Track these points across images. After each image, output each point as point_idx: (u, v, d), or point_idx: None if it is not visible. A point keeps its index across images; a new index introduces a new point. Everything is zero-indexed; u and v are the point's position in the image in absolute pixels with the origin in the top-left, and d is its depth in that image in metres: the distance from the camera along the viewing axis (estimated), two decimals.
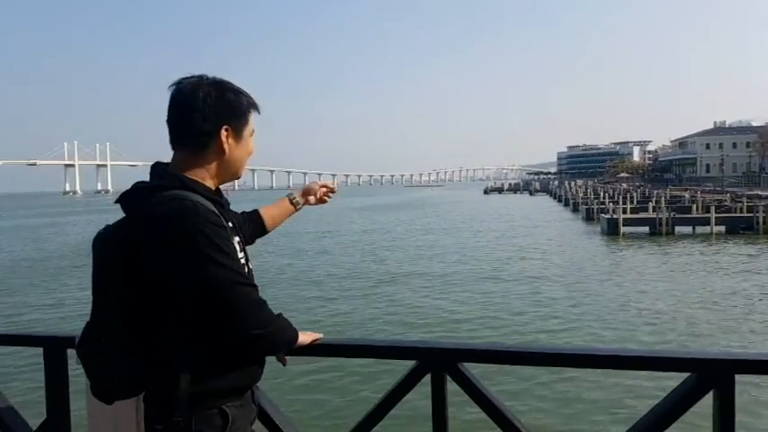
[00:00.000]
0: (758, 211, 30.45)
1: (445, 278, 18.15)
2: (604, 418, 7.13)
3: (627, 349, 2.21)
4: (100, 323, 1.45)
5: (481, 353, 1.86)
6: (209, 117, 1.49)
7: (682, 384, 1.66)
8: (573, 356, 1.89)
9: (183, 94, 1.50)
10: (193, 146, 1.51)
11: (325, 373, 8.50)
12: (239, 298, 1.38)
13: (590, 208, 41.87)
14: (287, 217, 2.09)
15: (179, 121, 1.51)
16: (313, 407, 7.53)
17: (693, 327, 11.94)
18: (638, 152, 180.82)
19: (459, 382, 1.77)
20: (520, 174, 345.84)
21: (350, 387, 8.11)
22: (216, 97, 1.50)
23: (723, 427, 1.61)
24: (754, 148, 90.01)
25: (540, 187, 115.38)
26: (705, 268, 19.44)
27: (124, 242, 1.41)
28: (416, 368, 1.81)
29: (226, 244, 1.38)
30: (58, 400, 2.08)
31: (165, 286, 1.38)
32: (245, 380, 1.52)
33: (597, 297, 14.96)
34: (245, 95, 1.59)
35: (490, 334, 11.50)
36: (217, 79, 1.55)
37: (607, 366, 1.88)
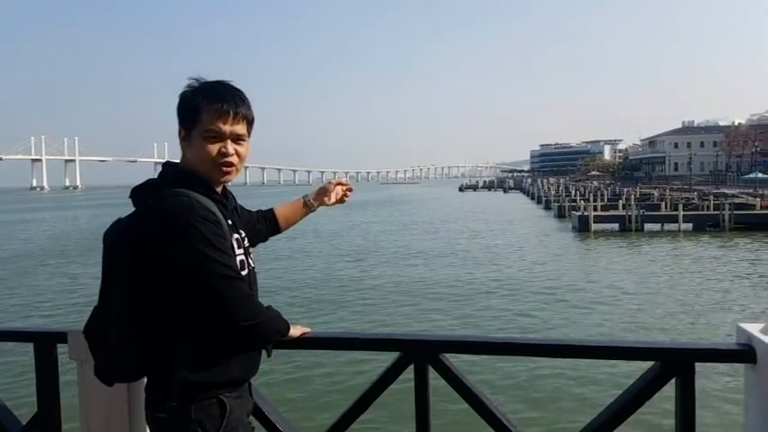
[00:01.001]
0: (724, 209, 31.33)
1: (423, 274, 18.28)
2: (575, 404, 7.38)
3: (597, 340, 2.33)
4: (106, 310, 1.52)
5: (461, 344, 1.96)
6: (177, 114, 1.58)
7: (646, 372, 1.77)
8: (546, 347, 2.00)
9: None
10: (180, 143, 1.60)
11: (311, 366, 8.59)
12: (228, 290, 1.42)
13: (562, 205, 42.50)
14: (301, 218, 2.10)
15: None
16: (300, 399, 7.62)
17: (658, 318, 12.30)
18: (609, 151, 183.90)
19: (441, 373, 1.86)
20: (494, 171, 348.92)
21: (336, 379, 8.23)
22: (180, 96, 1.57)
23: (684, 411, 1.72)
24: (720, 147, 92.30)
25: (514, 185, 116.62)
26: (672, 264, 19.96)
27: (130, 235, 1.48)
28: (400, 360, 1.88)
29: (218, 240, 1.43)
30: (48, 395, 2.11)
31: (162, 278, 1.44)
32: (243, 372, 1.57)
33: (568, 291, 15.26)
34: (204, 95, 1.53)
35: (468, 327, 11.69)
36: (203, 81, 1.57)
37: (578, 356, 1.99)
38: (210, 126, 1.53)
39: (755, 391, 1.67)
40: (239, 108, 1.57)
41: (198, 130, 1.54)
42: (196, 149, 1.54)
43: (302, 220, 2.12)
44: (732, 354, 1.73)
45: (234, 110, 1.55)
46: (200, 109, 1.53)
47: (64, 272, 20.51)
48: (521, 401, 7.51)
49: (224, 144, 1.55)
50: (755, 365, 1.65)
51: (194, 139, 1.54)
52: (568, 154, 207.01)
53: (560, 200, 46.81)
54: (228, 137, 1.56)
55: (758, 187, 47.07)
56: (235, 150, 1.57)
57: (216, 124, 1.53)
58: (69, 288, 17.35)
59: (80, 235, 34.70)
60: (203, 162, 1.54)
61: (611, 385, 7.23)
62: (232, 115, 1.55)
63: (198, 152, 1.54)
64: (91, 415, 1.98)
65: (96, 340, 1.54)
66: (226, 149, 1.55)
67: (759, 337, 1.64)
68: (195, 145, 1.54)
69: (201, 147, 1.53)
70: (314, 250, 24.94)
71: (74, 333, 1.97)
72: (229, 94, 1.56)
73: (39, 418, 2.12)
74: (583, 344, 1.97)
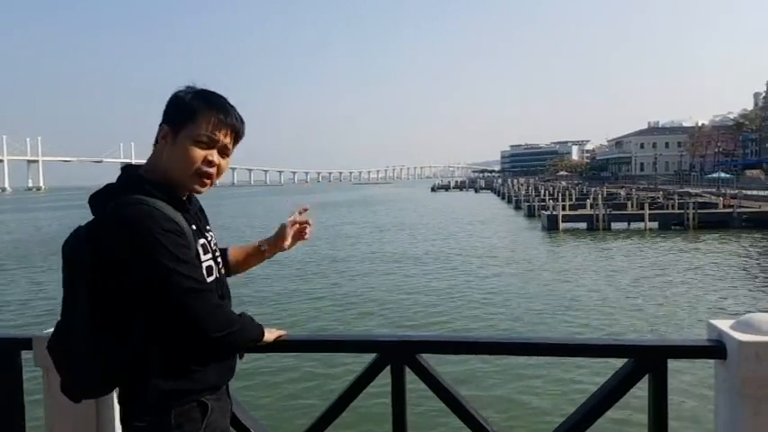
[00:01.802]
0: (688, 208, 32.07)
1: (398, 274, 18.30)
2: (549, 402, 7.46)
3: (570, 338, 2.36)
4: (69, 323, 1.45)
5: (438, 344, 1.96)
6: (163, 114, 1.51)
7: (620, 370, 1.80)
8: (521, 345, 2.01)
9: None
10: (154, 143, 1.53)
11: (287, 369, 8.51)
12: (196, 304, 1.38)
13: (531, 205, 43.02)
14: (253, 264, 1.95)
15: None
16: (275, 403, 7.54)
17: (629, 316, 12.53)
18: (577, 151, 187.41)
19: (418, 374, 1.85)
20: (466, 172, 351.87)
21: (312, 382, 8.17)
22: (173, 96, 1.51)
23: (657, 407, 1.75)
24: (684, 147, 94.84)
25: (485, 185, 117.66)
26: (640, 262, 20.36)
27: (90, 244, 1.41)
28: (377, 360, 1.87)
29: (182, 251, 1.38)
30: (11, 405, 2.02)
31: (126, 288, 1.39)
32: (220, 377, 1.55)
33: (538, 289, 15.45)
34: (204, 100, 1.50)
35: (442, 327, 11.73)
36: (196, 88, 1.53)
37: (552, 354, 2.00)
38: (206, 132, 1.48)
39: (725, 386, 1.70)
40: (238, 125, 1.55)
41: (188, 133, 1.47)
42: (180, 152, 1.48)
43: (256, 265, 1.97)
44: (703, 350, 1.76)
45: (233, 125, 1.53)
46: (197, 112, 1.48)
47: (25, 276, 19.93)
48: (496, 400, 7.55)
49: (211, 152, 1.50)
50: (725, 361, 1.68)
51: (181, 140, 1.48)
52: (538, 154, 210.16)
53: (530, 200, 47.40)
54: (218, 147, 1.52)
55: (721, 186, 48.39)
56: (218, 162, 1.53)
57: (212, 131, 1.49)
58: (31, 293, 16.86)
59: (42, 238, 33.83)
60: (184, 167, 1.48)
61: (586, 383, 7.35)
62: (230, 129, 1.53)
63: (181, 155, 1.48)
64: (57, 425, 1.91)
65: (61, 356, 1.47)
66: (212, 158, 1.50)
67: (729, 334, 1.67)
68: (180, 147, 1.48)
69: (187, 150, 1.47)
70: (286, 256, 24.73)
71: (39, 339, 1.89)
72: (231, 108, 1.55)
73: (1, 428, 2.03)
74: (556, 342, 1.99)
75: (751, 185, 48.01)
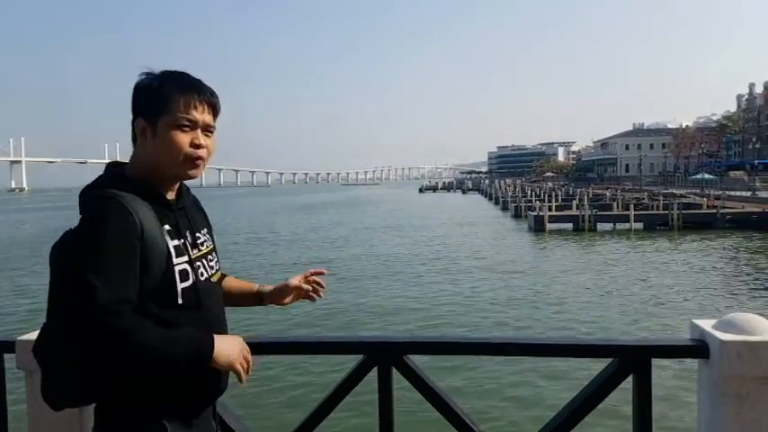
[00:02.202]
0: (673, 209, 32.41)
1: (385, 275, 18.31)
2: (535, 403, 7.50)
3: (556, 338, 2.39)
4: (51, 327, 1.40)
5: (425, 345, 1.97)
6: (132, 109, 1.46)
7: (604, 369, 1.82)
8: (507, 345, 2.02)
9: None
10: (132, 141, 1.47)
11: (274, 371, 8.44)
12: (102, 327, 1.23)
13: (518, 206, 43.18)
14: (247, 305, 1.83)
15: None
16: (262, 405, 7.49)
17: (614, 316, 12.64)
18: (563, 152, 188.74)
19: (405, 374, 1.86)
20: (453, 173, 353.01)
21: (298, 384, 8.13)
22: (137, 86, 1.45)
23: (641, 406, 1.77)
24: (669, 148, 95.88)
25: (473, 186, 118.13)
26: (625, 262, 20.53)
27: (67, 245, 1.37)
28: (364, 362, 1.88)
29: (124, 244, 1.29)
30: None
31: None
32: (193, 396, 1.45)
33: (525, 290, 15.54)
34: (174, 83, 1.43)
35: (429, 328, 11.75)
36: (157, 71, 1.45)
37: (537, 354, 2.02)
38: (183, 114, 1.42)
39: (708, 384, 1.73)
40: (212, 99, 1.48)
41: (167, 120, 1.41)
42: (163, 141, 1.41)
43: (249, 306, 1.85)
44: (687, 349, 1.78)
45: (207, 100, 1.46)
46: (170, 96, 1.41)
47: (8, 278, 19.66)
48: (483, 401, 7.58)
49: (195, 134, 1.44)
50: (708, 360, 1.70)
51: (161, 129, 1.41)
52: (524, 155, 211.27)
53: (517, 200, 47.60)
54: (200, 127, 1.45)
55: (705, 187, 48.97)
56: (206, 143, 1.47)
57: (190, 112, 1.42)
58: (14, 296, 16.64)
59: (24, 240, 33.43)
60: (172, 154, 1.42)
61: (572, 383, 7.39)
62: (206, 104, 1.46)
63: (166, 144, 1.41)
64: (39, 429, 1.89)
65: (44, 360, 1.41)
66: (198, 140, 1.44)
67: (712, 333, 1.69)
68: (162, 136, 1.41)
69: (171, 137, 1.41)
70: (276, 256, 24.69)
71: (22, 342, 1.88)
72: (199, 83, 1.48)
73: None
74: (542, 342, 2.02)
75: (734, 186, 48.57)
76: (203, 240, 1.55)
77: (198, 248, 1.51)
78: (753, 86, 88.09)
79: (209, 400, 1.51)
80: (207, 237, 1.58)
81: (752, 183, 46.07)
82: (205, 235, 1.57)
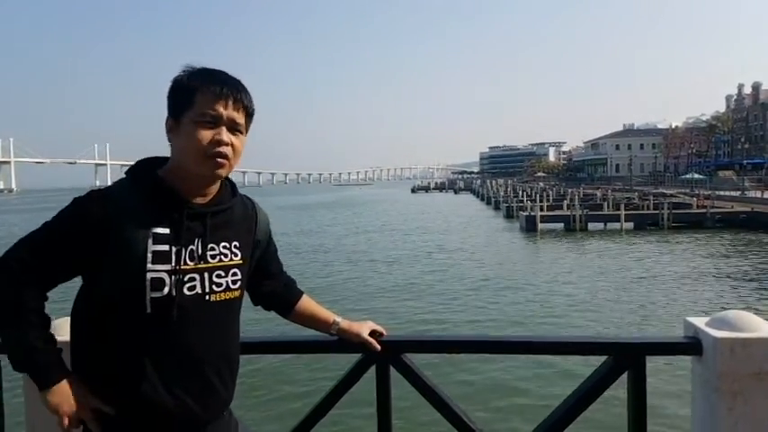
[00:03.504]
0: (663, 209, 32.65)
1: (380, 275, 18.33)
2: (531, 401, 7.53)
3: (551, 336, 2.41)
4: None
5: (422, 343, 1.99)
6: (168, 107, 1.42)
7: (599, 367, 1.84)
8: (503, 344, 2.05)
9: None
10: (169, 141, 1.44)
11: (272, 371, 8.41)
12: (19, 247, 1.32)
13: (510, 206, 43.34)
14: (313, 328, 1.83)
15: None
16: (259, 404, 7.46)
17: (608, 315, 12.72)
18: (554, 153, 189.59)
19: (403, 373, 1.88)
20: (445, 173, 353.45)
21: (297, 383, 8.12)
22: (173, 83, 1.40)
23: (636, 404, 1.80)
24: (659, 149, 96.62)
25: (464, 186, 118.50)
26: (617, 261, 20.65)
27: None
28: (362, 361, 1.89)
29: (60, 229, 1.32)
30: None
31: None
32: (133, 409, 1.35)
33: (518, 289, 15.59)
34: (201, 76, 1.37)
35: (424, 327, 11.78)
36: (195, 68, 1.41)
37: (532, 352, 2.04)
38: (206, 109, 1.34)
39: (701, 381, 1.76)
40: (240, 94, 1.39)
41: (190, 115, 1.35)
42: (185, 137, 1.35)
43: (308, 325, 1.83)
44: (680, 347, 1.81)
45: (234, 95, 1.38)
46: (195, 91, 1.35)
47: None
48: (479, 398, 7.61)
49: (218, 131, 1.36)
50: (701, 357, 1.73)
51: (184, 125, 1.35)
52: (515, 156, 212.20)
53: (508, 200, 47.80)
54: (225, 123, 1.37)
55: (694, 187, 49.37)
56: (230, 140, 1.38)
57: (212, 107, 1.35)
58: None
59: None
60: (192, 151, 1.35)
61: (567, 381, 7.44)
62: (232, 100, 1.37)
63: (187, 140, 1.35)
64: (37, 429, 1.89)
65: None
66: (220, 136, 1.35)
67: (705, 330, 1.72)
68: (185, 132, 1.35)
69: (192, 133, 1.34)
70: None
71: None
72: (230, 79, 1.40)
73: None
74: (537, 340, 2.04)
75: (724, 186, 49.04)
76: (218, 254, 1.43)
77: (203, 260, 1.39)
78: (741, 87, 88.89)
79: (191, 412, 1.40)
80: (230, 251, 1.46)
81: (741, 182, 46.52)
82: (228, 249, 1.45)
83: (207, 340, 1.41)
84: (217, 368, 1.45)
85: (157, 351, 1.35)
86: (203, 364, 1.41)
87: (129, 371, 1.34)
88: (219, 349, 1.46)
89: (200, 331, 1.40)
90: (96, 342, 1.36)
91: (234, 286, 1.46)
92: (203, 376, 1.41)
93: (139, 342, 1.34)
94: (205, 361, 1.41)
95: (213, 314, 1.42)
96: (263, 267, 1.65)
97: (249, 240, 1.53)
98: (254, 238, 1.56)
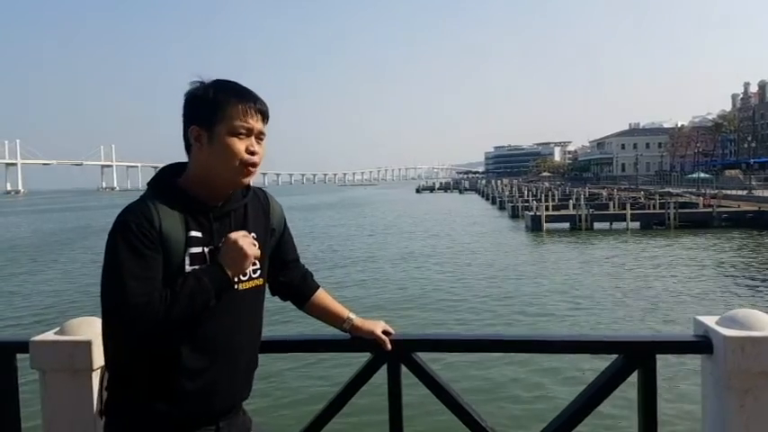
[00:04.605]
0: (669, 208, 32.51)
1: (388, 274, 18.35)
2: (541, 399, 7.53)
3: (562, 334, 2.42)
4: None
5: (433, 342, 2.00)
6: (185, 117, 1.50)
7: (610, 365, 1.85)
8: (514, 342, 2.06)
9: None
10: (186, 149, 1.52)
11: (280, 371, 8.46)
12: (118, 295, 1.33)
13: (515, 206, 43.30)
14: (329, 323, 1.87)
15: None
16: (271, 402, 7.50)
17: (615, 313, 12.70)
18: (559, 152, 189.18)
19: (414, 371, 1.89)
20: (450, 173, 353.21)
21: (308, 381, 8.15)
22: (190, 95, 1.49)
23: (647, 402, 1.81)
24: (665, 148, 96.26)
25: (470, 186, 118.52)
26: (624, 261, 20.59)
27: None
28: (373, 360, 1.91)
29: (140, 247, 1.36)
30: (7, 407, 2.02)
31: None
32: (177, 407, 1.44)
33: (525, 289, 15.57)
34: (229, 91, 1.47)
35: (435, 326, 11.80)
36: (209, 81, 1.49)
37: (543, 350, 2.05)
38: (240, 122, 1.46)
39: (712, 379, 1.76)
40: (263, 106, 1.51)
41: (223, 127, 1.45)
42: (221, 148, 1.45)
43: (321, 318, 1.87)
44: (691, 345, 1.82)
45: (260, 107, 1.50)
46: (226, 105, 1.45)
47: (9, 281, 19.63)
48: (489, 397, 7.61)
49: (250, 141, 1.48)
50: (712, 355, 1.74)
51: (219, 137, 1.45)
52: (521, 155, 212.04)
53: (514, 200, 47.76)
54: (255, 134, 1.49)
55: (700, 186, 49.13)
56: (257, 150, 1.50)
57: (247, 120, 1.46)
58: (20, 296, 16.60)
59: (20, 242, 33.38)
60: (229, 161, 1.45)
61: (577, 379, 7.46)
62: (260, 113, 1.50)
63: (223, 150, 1.45)
64: (54, 426, 1.91)
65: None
66: (253, 147, 1.48)
67: (715, 329, 1.73)
68: (220, 143, 1.45)
69: (229, 144, 1.45)
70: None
71: (35, 342, 1.91)
72: (252, 92, 1.52)
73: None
74: (548, 339, 2.06)
75: (730, 185, 48.79)
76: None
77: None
78: (748, 86, 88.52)
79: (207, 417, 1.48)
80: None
81: (747, 181, 46.30)
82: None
83: (237, 328, 1.52)
84: (246, 357, 1.56)
85: (193, 340, 1.43)
86: (235, 352, 1.51)
87: (168, 361, 1.41)
88: (248, 338, 1.57)
89: (232, 320, 1.50)
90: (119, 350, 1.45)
91: (255, 275, 1.57)
92: (234, 365, 1.51)
93: (178, 333, 1.41)
94: (235, 349, 1.52)
95: (242, 302, 1.53)
96: (280, 256, 1.73)
97: (265, 230, 1.63)
98: (269, 226, 1.65)
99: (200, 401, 1.44)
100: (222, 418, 1.51)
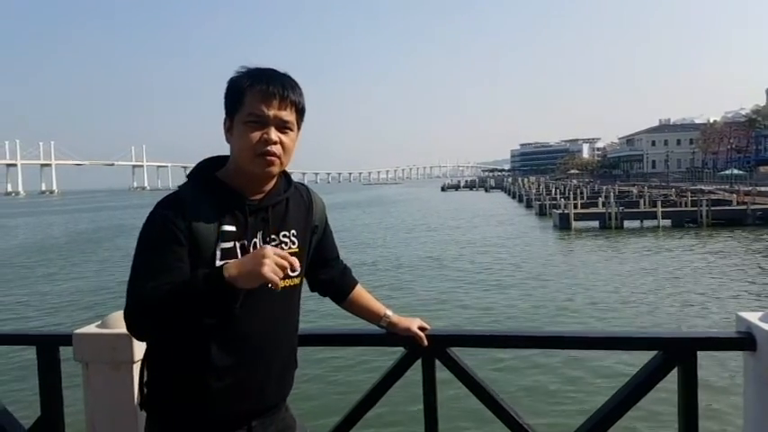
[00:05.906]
0: (702, 205, 31.76)
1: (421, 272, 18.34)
2: (579, 395, 7.45)
3: (600, 331, 2.39)
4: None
5: (469, 338, 1.99)
6: (225, 107, 1.46)
7: (649, 362, 1.82)
8: (552, 338, 2.04)
9: None
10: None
11: (313, 364, 8.51)
12: (131, 287, 1.31)
13: (543, 204, 42.72)
14: (364, 318, 1.87)
15: None
16: (304, 397, 7.54)
17: (651, 311, 12.46)
18: (588, 149, 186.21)
19: (449, 367, 1.89)
20: (475, 171, 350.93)
21: (339, 377, 8.21)
22: (228, 84, 1.44)
23: (687, 399, 1.77)
24: (696, 144, 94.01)
25: (495, 184, 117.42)
26: (657, 259, 20.17)
27: None
28: (407, 355, 1.91)
29: (160, 240, 1.33)
30: (51, 398, 2.09)
31: None
32: (207, 407, 1.41)
33: (558, 286, 15.39)
34: (250, 76, 1.40)
35: (469, 323, 11.77)
36: (249, 67, 1.44)
37: (581, 347, 2.03)
38: (252, 110, 1.38)
39: (754, 377, 1.72)
40: (287, 92, 1.41)
41: (240, 116, 1.40)
42: (238, 138, 1.41)
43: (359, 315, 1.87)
44: (733, 342, 1.78)
45: (281, 93, 1.40)
46: (244, 91, 1.39)
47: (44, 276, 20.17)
48: (526, 393, 7.58)
49: (266, 130, 1.39)
50: (755, 352, 1.70)
51: (237, 126, 1.41)
52: (548, 153, 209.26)
53: (541, 198, 47.15)
54: (272, 122, 1.40)
55: (734, 183, 47.96)
56: (279, 139, 1.41)
57: (258, 107, 1.38)
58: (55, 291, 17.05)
59: (56, 240, 34.29)
60: (245, 151, 1.40)
61: (614, 376, 7.37)
62: (278, 99, 1.40)
63: (239, 141, 1.40)
64: (97, 417, 1.96)
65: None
66: (268, 136, 1.39)
67: (759, 325, 1.69)
68: (236, 133, 1.41)
69: (242, 134, 1.39)
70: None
71: (78, 335, 1.96)
72: (278, 77, 1.43)
73: (42, 422, 2.10)
74: (586, 335, 2.02)
75: (765, 182, 47.55)
76: (278, 243, 1.47)
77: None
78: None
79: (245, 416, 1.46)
80: (289, 240, 1.50)
81: None
82: (287, 237, 1.50)
83: (270, 327, 1.47)
84: (280, 357, 1.52)
85: (223, 339, 1.39)
86: (267, 352, 1.46)
87: (196, 358, 1.39)
88: (282, 338, 1.52)
89: (264, 319, 1.45)
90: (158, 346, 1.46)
91: (292, 274, 1.49)
92: (267, 365, 1.47)
93: (207, 331, 1.37)
94: (267, 349, 1.46)
95: (276, 301, 1.46)
96: (321, 253, 1.69)
97: (306, 226, 1.58)
98: (311, 223, 1.60)
99: (229, 400, 1.40)
100: (255, 418, 1.47)
